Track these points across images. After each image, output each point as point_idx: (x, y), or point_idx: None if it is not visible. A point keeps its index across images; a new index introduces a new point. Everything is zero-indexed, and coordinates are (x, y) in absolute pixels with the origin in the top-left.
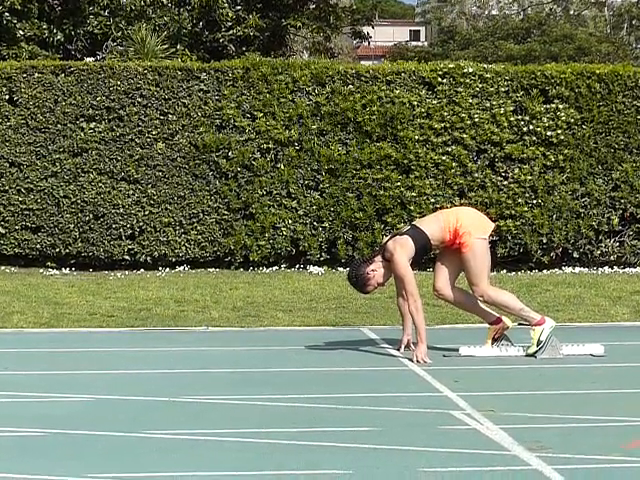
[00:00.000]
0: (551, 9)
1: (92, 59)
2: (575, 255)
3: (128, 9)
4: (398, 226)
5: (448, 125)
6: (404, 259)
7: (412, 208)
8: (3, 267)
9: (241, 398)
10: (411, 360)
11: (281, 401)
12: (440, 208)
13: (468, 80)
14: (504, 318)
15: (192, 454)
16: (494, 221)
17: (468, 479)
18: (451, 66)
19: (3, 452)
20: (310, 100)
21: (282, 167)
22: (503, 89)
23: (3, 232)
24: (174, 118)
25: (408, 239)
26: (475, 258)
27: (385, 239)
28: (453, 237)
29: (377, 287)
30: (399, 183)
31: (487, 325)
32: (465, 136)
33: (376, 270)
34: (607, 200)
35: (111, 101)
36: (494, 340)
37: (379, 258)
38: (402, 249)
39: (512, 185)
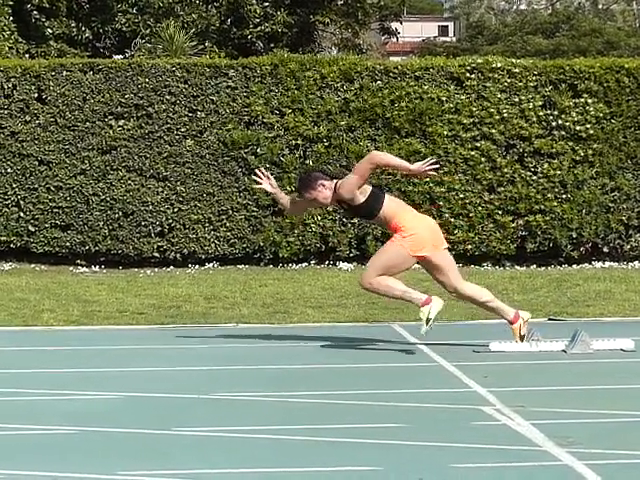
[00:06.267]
0: (579, 3)
1: (120, 57)
2: (605, 250)
3: (156, 6)
4: None
5: (477, 120)
6: (354, 180)
7: (441, 203)
8: (33, 265)
9: (271, 395)
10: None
11: (312, 398)
12: (468, 204)
13: (497, 75)
14: (521, 313)
15: (223, 451)
16: (524, 216)
17: (498, 475)
18: (479, 61)
19: (34, 449)
20: (339, 96)
21: (311, 163)
22: (532, 84)
23: (33, 230)
24: (202, 115)
25: (369, 187)
26: (389, 253)
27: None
28: (393, 227)
29: (310, 201)
30: (428, 179)
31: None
32: (494, 131)
33: (326, 189)
34: (637, 194)
35: (139, 98)
36: (522, 337)
37: (333, 185)
38: (350, 178)
39: (541, 180)
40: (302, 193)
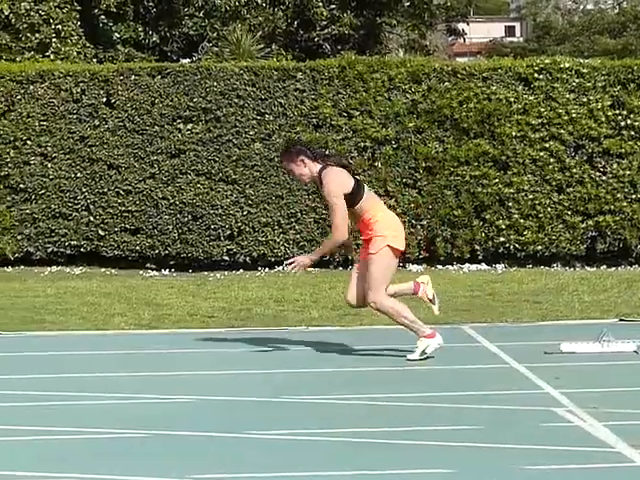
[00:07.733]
0: None
1: (188, 60)
2: None
3: (223, 10)
4: (497, 223)
5: (545, 121)
6: (337, 189)
7: (510, 204)
8: (103, 269)
9: (341, 398)
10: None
11: (382, 400)
12: (538, 205)
13: (565, 75)
14: (418, 279)
15: (292, 454)
16: (593, 217)
17: (571, 477)
18: (547, 62)
19: (104, 453)
20: (406, 98)
21: (379, 165)
22: (600, 84)
23: (103, 234)
24: (271, 118)
25: (347, 184)
26: (380, 263)
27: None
28: (365, 224)
29: (289, 174)
30: (497, 180)
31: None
32: (562, 132)
33: (305, 166)
34: None
35: (208, 102)
36: (431, 300)
37: (317, 166)
38: (335, 183)
39: (611, 180)
40: (281, 161)
